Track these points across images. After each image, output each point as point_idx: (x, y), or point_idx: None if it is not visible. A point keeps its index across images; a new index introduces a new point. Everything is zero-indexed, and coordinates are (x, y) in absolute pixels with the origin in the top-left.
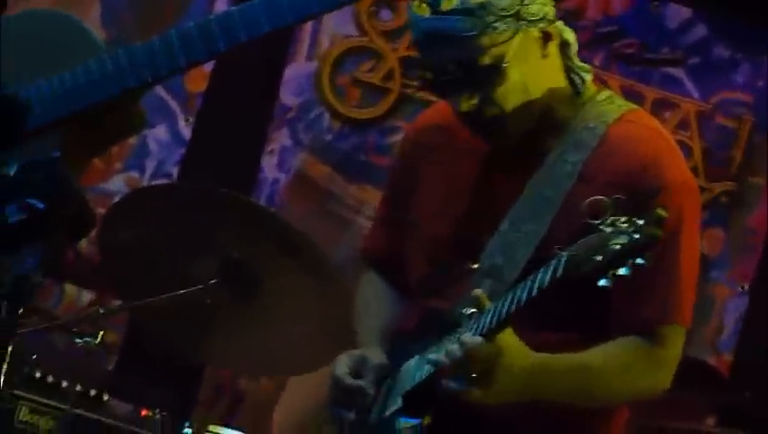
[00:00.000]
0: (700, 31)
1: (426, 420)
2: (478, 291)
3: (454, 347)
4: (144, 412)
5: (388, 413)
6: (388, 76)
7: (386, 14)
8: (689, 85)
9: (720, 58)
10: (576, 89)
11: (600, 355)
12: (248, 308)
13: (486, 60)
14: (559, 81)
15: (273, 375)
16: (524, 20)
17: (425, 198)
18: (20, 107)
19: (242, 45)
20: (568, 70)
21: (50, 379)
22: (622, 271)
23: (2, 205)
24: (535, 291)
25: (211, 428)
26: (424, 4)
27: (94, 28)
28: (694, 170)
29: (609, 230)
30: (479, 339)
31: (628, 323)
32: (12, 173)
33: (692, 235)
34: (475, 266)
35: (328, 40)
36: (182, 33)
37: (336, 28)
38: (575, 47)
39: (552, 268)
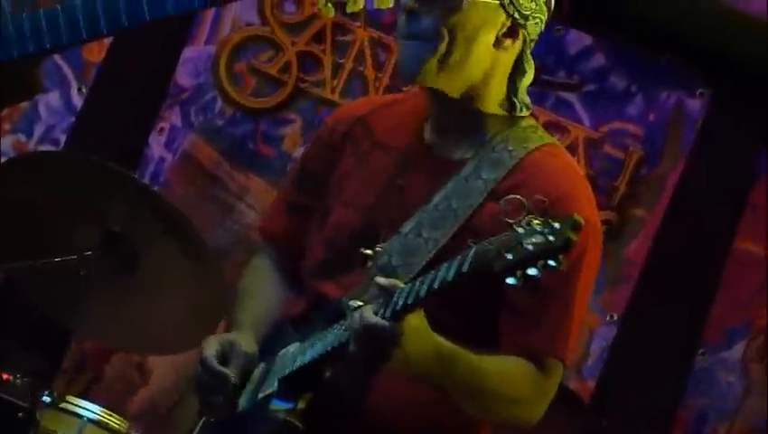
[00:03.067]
0: (599, 59)
1: (301, 404)
2: (390, 281)
3: (355, 320)
4: (5, 376)
5: (261, 396)
6: (285, 68)
7: (290, 6)
8: (581, 111)
9: (615, 88)
10: (511, 110)
11: (497, 363)
12: (124, 283)
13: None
14: (500, 90)
15: (139, 352)
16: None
17: (336, 186)
18: None
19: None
20: (511, 94)
21: None
22: (531, 272)
23: None
24: (437, 284)
25: (69, 398)
26: None
27: None
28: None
29: (522, 230)
30: (380, 320)
31: (517, 345)
32: None
33: (589, 275)
34: (369, 252)
35: (229, 25)
36: (86, 4)
37: (238, 15)
38: (527, 80)
39: (458, 261)
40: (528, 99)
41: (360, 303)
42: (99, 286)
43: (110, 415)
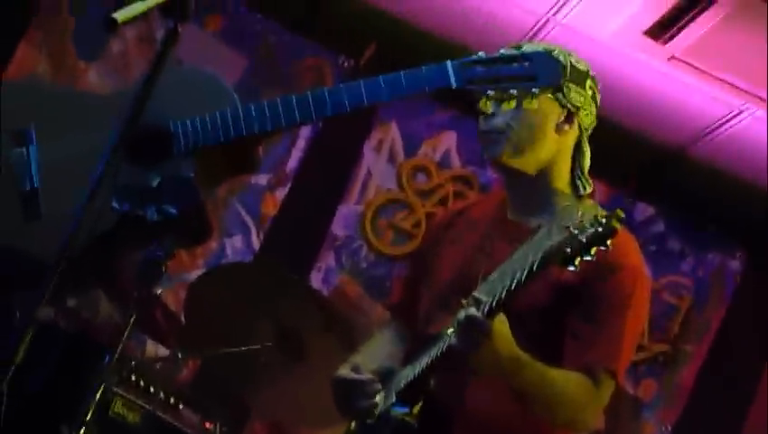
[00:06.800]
0: (659, 226)
1: (416, 409)
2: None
3: (460, 315)
4: (208, 425)
5: (384, 407)
6: (417, 225)
7: (421, 177)
8: (646, 266)
9: (672, 249)
10: (576, 192)
11: (561, 375)
12: (293, 368)
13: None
14: (567, 170)
15: (303, 426)
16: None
17: (439, 259)
18: (166, 135)
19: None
20: (575, 174)
21: (141, 383)
22: (587, 258)
23: (144, 207)
24: (514, 285)
25: None
26: None
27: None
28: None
29: (577, 230)
30: (478, 314)
31: (577, 363)
32: (154, 184)
33: (639, 310)
34: (465, 302)
35: (374, 190)
36: (299, 97)
37: (381, 182)
38: (586, 162)
39: (529, 264)
40: (589, 180)
41: (453, 329)
42: (275, 370)
43: None
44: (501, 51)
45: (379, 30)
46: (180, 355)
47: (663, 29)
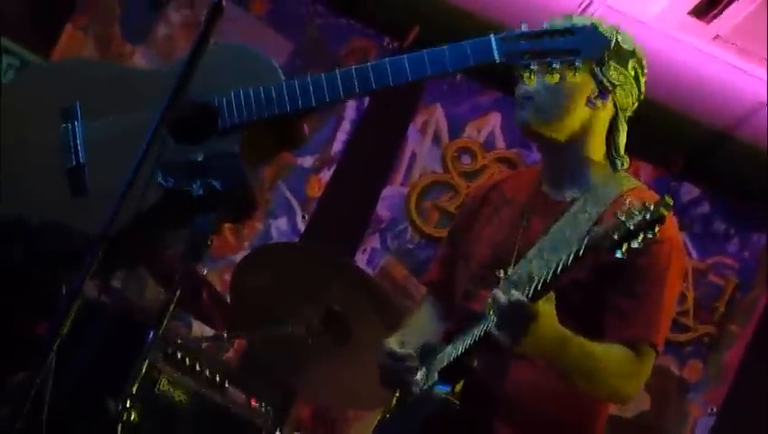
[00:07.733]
0: (705, 207)
1: (458, 388)
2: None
3: (502, 298)
4: (253, 402)
5: (426, 386)
6: (461, 206)
7: (466, 158)
8: (691, 247)
9: (718, 230)
10: (613, 166)
11: (603, 349)
12: (339, 350)
13: None
14: (601, 143)
15: (350, 408)
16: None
17: (476, 234)
18: (211, 112)
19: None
20: (611, 151)
21: (187, 361)
22: (635, 245)
23: (189, 182)
24: (560, 268)
25: None
26: None
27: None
28: (686, 313)
29: (624, 216)
30: (522, 296)
31: (619, 337)
32: (200, 159)
33: (675, 281)
34: (503, 276)
35: (419, 172)
36: (344, 71)
37: (426, 164)
38: (622, 139)
39: (575, 248)
40: (625, 157)
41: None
42: (320, 352)
43: None
44: (545, 24)
45: (422, 12)
46: (226, 335)
47: (707, 8)
